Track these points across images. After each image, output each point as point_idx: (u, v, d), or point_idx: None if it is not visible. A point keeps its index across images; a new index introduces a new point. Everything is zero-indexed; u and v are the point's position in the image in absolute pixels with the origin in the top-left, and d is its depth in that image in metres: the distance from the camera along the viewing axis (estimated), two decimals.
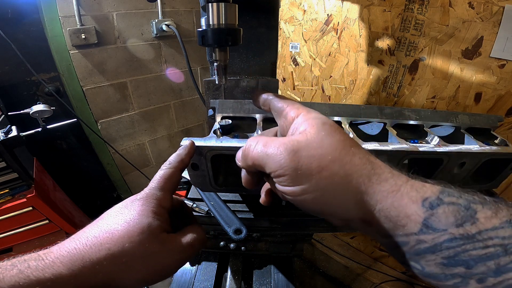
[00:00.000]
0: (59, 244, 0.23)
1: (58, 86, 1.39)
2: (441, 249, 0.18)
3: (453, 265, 0.18)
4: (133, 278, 0.23)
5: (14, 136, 0.95)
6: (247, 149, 0.26)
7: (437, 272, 0.19)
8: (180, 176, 0.30)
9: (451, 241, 0.18)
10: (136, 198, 0.27)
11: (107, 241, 0.23)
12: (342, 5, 1.06)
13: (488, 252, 0.17)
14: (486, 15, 0.76)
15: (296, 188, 0.22)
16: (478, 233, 0.17)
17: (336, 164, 0.21)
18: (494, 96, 0.83)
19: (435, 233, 0.19)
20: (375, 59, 1.05)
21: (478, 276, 0.17)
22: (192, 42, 1.61)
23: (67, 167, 1.59)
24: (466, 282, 0.18)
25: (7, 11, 1.13)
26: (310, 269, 1.76)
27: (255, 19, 0.49)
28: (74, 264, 0.21)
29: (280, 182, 0.23)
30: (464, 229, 0.18)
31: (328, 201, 0.22)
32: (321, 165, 0.21)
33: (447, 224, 0.18)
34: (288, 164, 0.22)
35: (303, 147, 0.22)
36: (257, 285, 0.57)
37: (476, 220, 0.18)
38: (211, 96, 0.51)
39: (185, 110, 1.87)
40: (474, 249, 0.17)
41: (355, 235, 1.54)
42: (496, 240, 0.17)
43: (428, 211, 0.19)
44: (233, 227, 0.45)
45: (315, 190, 0.22)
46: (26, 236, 1.15)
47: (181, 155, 0.31)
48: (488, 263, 0.17)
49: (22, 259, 0.21)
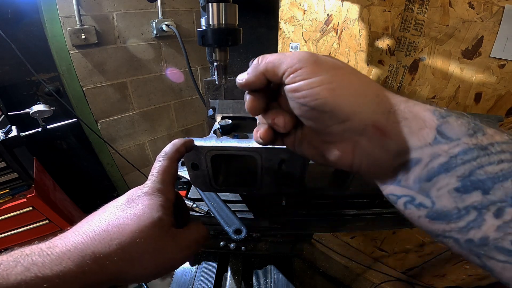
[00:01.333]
0: (61, 237, 0.22)
1: (58, 86, 1.39)
2: (456, 165, 0.17)
3: (468, 190, 0.16)
4: (141, 273, 0.23)
5: (14, 136, 0.95)
6: (263, 56, 0.24)
7: (449, 207, 0.17)
8: (177, 167, 0.30)
9: (466, 152, 0.17)
10: (141, 191, 0.26)
11: (117, 236, 0.22)
12: (342, 5, 1.06)
13: (503, 168, 0.15)
14: (486, 15, 0.76)
15: (314, 79, 0.20)
16: (491, 145, 0.16)
17: (352, 69, 0.22)
18: (494, 96, 0.82)
19: (450, 142, 0.17)
20: (375, 59, 1.05)
21: (496, 207, 0.15)
22: (192, 42, 1.61)
23: (67, 167, 1.59)
24: (482, 219, 0.16)
25: (7, 11, 1.13)
26: (310, 269, 1.76)
27: (255, 19, 0.49)
28: (83, 259, 0.20)
29: (296, 77, 0.21)
30: (477, 139, 0.17)
31: (345, 95, 0.20)
32: (340, 65, 0.22)
33: (461, 133, 0.17)
34: (307, 58, 0.21)
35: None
36: (257, 285, 0.57)
37: (486, 132, 0.17)
38: (211, 96, 0.51)
39: (185, 110, 1.87)
40: (489, 164, 0.16)
41: (355, 235, 1.54)
42: (508, 154, 0.16)
43: (440, 119, 0.18)
44: (233, 227, 0.45)
45: (333, 81, 0.20)
46: (26, 236, 1.15)
47: (176, 145, 0.30)
48: (506, 183, 0.15)
49: (24, 253, 0.20)
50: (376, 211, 0.53)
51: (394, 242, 1.37)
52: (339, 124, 0.21)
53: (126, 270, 0.22)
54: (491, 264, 0.16)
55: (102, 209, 0.25)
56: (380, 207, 0.53)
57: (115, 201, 0.26)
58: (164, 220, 0.24)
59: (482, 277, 1.14)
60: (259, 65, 0.23)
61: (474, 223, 0.16)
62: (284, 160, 0.36)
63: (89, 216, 0.25)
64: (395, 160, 0.20)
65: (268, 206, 0.53)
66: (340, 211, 0.53)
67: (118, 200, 0.26)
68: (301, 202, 0.54)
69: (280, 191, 0.41)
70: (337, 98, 0.20)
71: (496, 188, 0.15)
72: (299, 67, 0.21)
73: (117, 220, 0.23)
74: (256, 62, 0.24)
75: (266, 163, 0.36)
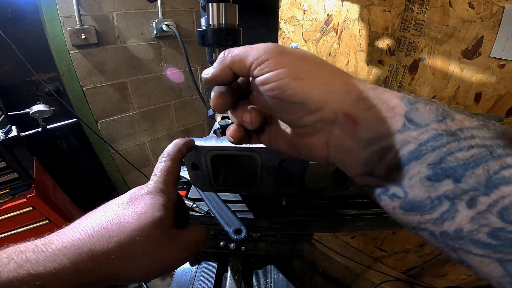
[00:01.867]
0: (58, 233, 0.21)
1: (58, 86, 1.39)
2: (426, 151, 0.16)
3: (440, 179, 0.16)
4: (138, 272, 0.23)
5: (14, 136, 0.95)
6: (229, 49, 0.23)
7: (422, 197, 0.17)
8: (180, 168, 0.30)
9: (435, 138, 0.16)
10: (144, 191, 0.26)
11: (116, 234, 0.21)
12: (342, 5, 1.06)
13: (474, 154, 0.15)
14: (486, 15, 0.76)
15: (282, 70, 0.20)
16: (460, 130, 0.16)
17: (320, 59, 0.22)
18: (494, 96, 0.82)
19: (419, 128, 0.17)
20: (375, 59, 1.05)
21: (468, 196, 0.15)
22: (192, 42, 1.61)
23: (67, 167, 1.59)
24: (455, 210, 0.15)
25: (7, 11, 1.13)
26: (310, 269, 1.76)
27: (255, 19, 0.49)
28: (79, 257, 0.20)
29: (263, 69, 0.21)
30: (446, 125, 0.16)
31: (314, 84, 0.20)
32: (307, 55, 0.21)
33: (429, 119, 0.17)
34: (273, 49, 0.21)
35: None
36: (257, 285, 0.57)
37: (455, 118, 0.17)
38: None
39: (185, 110, 1.87)
40: (459, 150, 0.15)
41: (355, 235, 1.54)
42: (478, 139, 0.15)
43: (408, 106, 0.18)
44: (233, 227, 0.45)
45: (301, 71, 0.20)
46: (26, 236, 1.14)
47: (178, 145, 0.30)
48: (477, 170, 0.15)
49: (18, 250, 0.19)
50: (376, 211, 0.53)
51: (394, 242, 1.37)
52: (310, 114, 0.21)
53: (123, 269, 0.22)
54: (468, 259, 0.16)
55: (103, 206, 0.25)
56: (380, 207, 0.53)
57: (116, 199, 0.25)
58: (165, 220, 0.24)
59: None
60: (225, 58, 0.23)
61: (448, 214, 0.16)
62: (284, 160, 0.36)
63: (89, 213, 0.24)
64: (366, 149, 0.19)
65: (268, 206, 0.53)
66: (340, 211, 0.53)
67: (120, 199, 0.25)
68: (301, 202, 0.54)
69: (280, 191, 0.41)
70: (306, 87, 0.20)
71: (468, 176, 0.15)
72: (266, 58, 0.21)
73: (118, 218, 0.23)
74: (222, 56, 0.23)
75: (266, 163, 0.36)
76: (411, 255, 1.33)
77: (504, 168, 0.14)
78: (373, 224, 0.55)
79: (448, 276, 1.27)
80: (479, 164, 0.15)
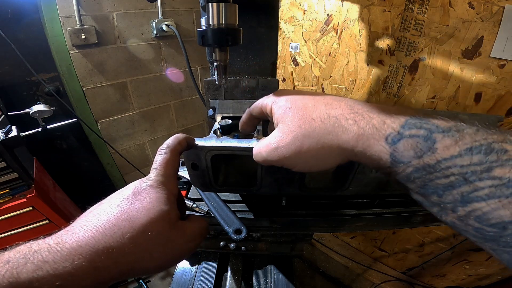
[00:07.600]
0: (69, 232, 0.21)
1: (58, 86, 1.39)
2: (413, 179, 0.20)
3: (428, 194, 0.20)
4: (151, 265, 0.23)
5: (14, 136, 0.95)
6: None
7: (420, 200, 0.21)
8: (179, 160, 0.30)
9: (417, 171, 0.19)
10: (146, 184, 0.26)
11: (128, 229, 0.22)
12: (342, 5, 1.06)
13: (450, 181, 0.18)
14: (486, 15, 0.76)
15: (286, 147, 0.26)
16: (437, 163, 0.18)
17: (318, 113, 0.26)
18: (494, 96, 0.82)
19: (403, 165, 0.20)
20: (375, 59, 1.05)
21: (450, 205, 0.18)
22: (192, 42, 1.61)
23: (67, 167, 1.59)
24: (445, 213, 0.19)
25: (7, 11, 1.13)
26: (310, 269, 1.76)
27: (255, 19, 0.49)
28: (96, 255, 0.20)
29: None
30: (423, 161, 0.19)
31: (309, 158, 0.25)
32: (309, 134, 0.25)
33: (409, 157, 0.20)
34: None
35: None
36: (257, 285, 0.57)
37: (435, 150, 0.19)
38: (211, 96, 0.51)
39: (185, 110, 1.87)
40: (437, 179, 0.18)
41: (355, 235, 1.54)
42: (454, 169, 0.18)
43: (391, 146, 0.21)
44: (233, 227, 0.45)
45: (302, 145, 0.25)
46: (26, 236, 1.15)
47: (178, 138, 0.30)
48: (453, 192, 0.18)
49: (32, 250, 0.19)
50: (376, 211, 0.53)
51: (394, 242, 1.37)
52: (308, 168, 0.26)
53: (137, 264, 0.22)
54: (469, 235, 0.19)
55: (107, 201, 0.25)
56: (380, 207, 0.53)
57: (119, 194, 0.25)
58: (172, 213, 0.25)
59: (482, 277, 1.14)
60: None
61: (441, 212, 0.19)
62: None
63: (92, 209, 0.24)
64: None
65: (268, 206, 0.53)
66: (340, 211, 0.53)
67: (123, 193, 0.25)
68: (301, 202, 0.54)
69: (280, 191, 0.41)
70: (301, 164, 0.26)
71: (447, 194, 0.18)
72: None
73: (126, 214, 0.23)
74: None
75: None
76: (411, 255, 1.33)
77: (476, 190, 0.17)
78: (373, 224, 0.55)
79: (448, 276, 1.27)
80: (454, 188, 0.18)
